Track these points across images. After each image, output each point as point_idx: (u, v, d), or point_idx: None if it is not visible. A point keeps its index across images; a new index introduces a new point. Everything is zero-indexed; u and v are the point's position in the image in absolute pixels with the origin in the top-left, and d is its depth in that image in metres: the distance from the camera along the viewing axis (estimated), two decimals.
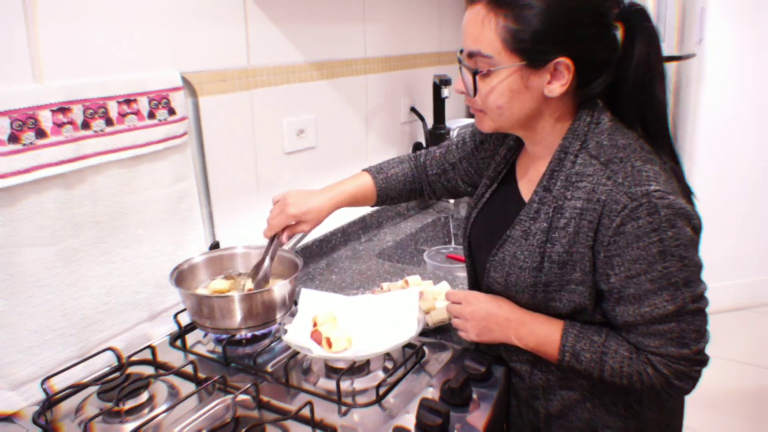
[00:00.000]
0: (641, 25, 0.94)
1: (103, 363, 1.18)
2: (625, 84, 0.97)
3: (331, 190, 1.26)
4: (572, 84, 0.93)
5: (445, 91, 2.12)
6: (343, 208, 1.28)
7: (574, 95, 0.97)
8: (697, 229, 0.91)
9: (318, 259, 1.77)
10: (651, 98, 0.97)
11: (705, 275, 0.93)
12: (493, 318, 1.05)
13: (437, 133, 2.17)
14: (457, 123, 2.30)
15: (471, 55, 0.95)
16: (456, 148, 1.29)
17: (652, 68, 0.95)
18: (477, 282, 1.19)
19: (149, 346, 1.20)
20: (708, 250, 0.93)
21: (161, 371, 1.16)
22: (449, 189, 1.31)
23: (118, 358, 1.17)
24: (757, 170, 3.27)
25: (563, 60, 0.91)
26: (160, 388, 1.10)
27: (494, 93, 0.95)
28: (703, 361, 0.93)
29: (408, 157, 1.35)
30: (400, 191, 1.31)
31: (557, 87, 0.93)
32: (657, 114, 0.98)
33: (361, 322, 1.18)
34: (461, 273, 1.64)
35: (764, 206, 3.32)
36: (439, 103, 2.16)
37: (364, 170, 1.32)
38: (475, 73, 0.95)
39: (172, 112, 1.25)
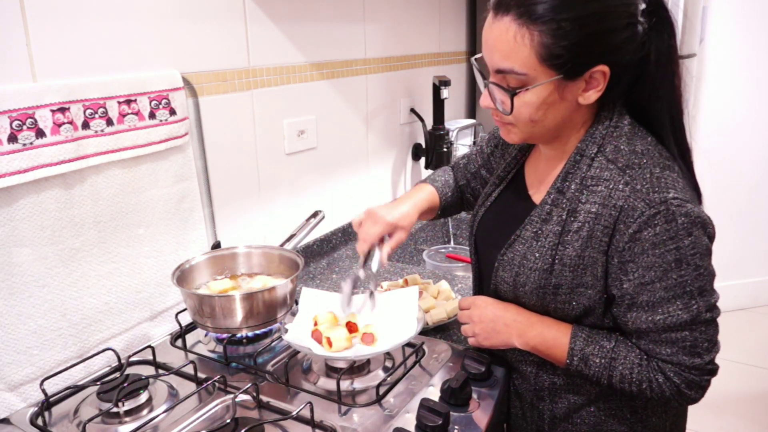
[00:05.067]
0: (662, 17, 0.91)
1: (103, 363, 1.17)
2: (644, 80, 0.94)
3: (409, 198, 1.23)
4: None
5: (445, 92, 2.11)
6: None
7: (600, 98, 0.94)
8: (711, 237, 0.90)
9: (319, 258, 1.77)
10: (670, 93, 0.94)
11: None
12: (500, 320, 1.05)
13: (437, 134, 2.17)
14: (456, 124, 2.31)
15: (500, 72, 0.91)
16: (475, 158, 1.28)
17: (672, 61, 0.93)
18: (481, 280, 1.18)
19: (149, 346, 1.20)
20: None
21: (161, 371, 1.16)
22: (476, 197, 1.30)
23: (118, 358, 1.17)
24: (758, 170, 3.26)
25: (601, 68, 0.88)
26: (159, 389, 1.10)
27: (529, 108, 0.92)
28: (713, 370, 0.92)
29: (443, 168, 1.35)
30: (453, 198, 1.31)
31: (593, 94, 0.91)
32: (675, 109, 0.96)
33: (361, 321, 1.17)
34: (460, 272, 1.65)
35: (766, 206, 3.31)
36: (438, 104, 2.15)
37: (422, 182, 1.31)
38: (512, 95, 0.90)
39: (172, 112, 1.25)
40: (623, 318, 0.94)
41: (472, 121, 2.43)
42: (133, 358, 1.17)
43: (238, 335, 1.21)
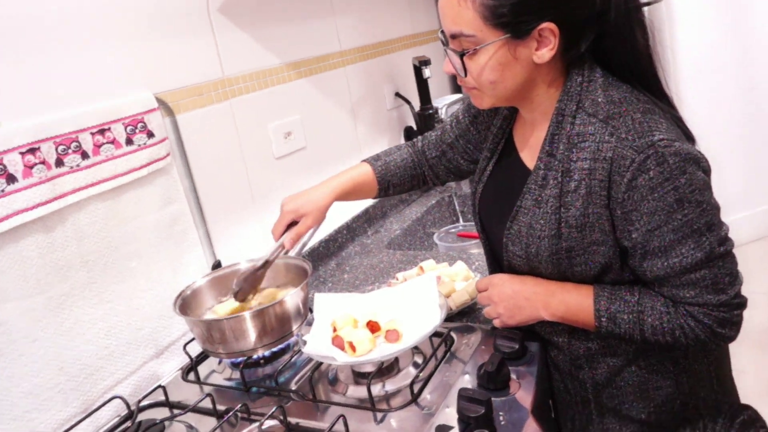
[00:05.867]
0: None
1: (111, 413, 1.13)
2: (607, 36, 0.97)
3: (329, 181, 1.27)
4: (560, 46, 0.94)
5: (426, 72, 2.14)
6: (346, 203, 1.27)
7: (562, 57, 0.97)
8: (707, 171, 0.92)
9: (327, 260, 1.77)
10: (634, 46, 0.97)
11: None
12: (520, 295, 1.05)
13: (426, 114, 2.20)
14: (443, 101, 2.33)
15: (453, 36, 0.96)
16: (451, 128, 1.29)
17: (630, 16, 0.95)
18: (494, 256, 1.18)
19: (160, 386, 1.16)
20: (714, 186, 0.95)
21: (176, 411, 1.11)
22: (452, 170, 1.31)
23: (127, 405, 1.12)
24: (743, 100, 3.27)
25: (547, 25, 0.91)
26: (177, 430, 1.05)
27: (485, 70, 0.96)
28: (741, 303, 0.92)
29: (405, 144, 1.36)
30: (401, 177, 1.32)
31: (546, 52, 0.93)
32: (642, 61, 0.98)
33: (382, 318, 1.14)
34: (475, 250, 1.67)
35: (756, 132, 3.32)
36: (422, 84, 2.18)
37: (363, 161, 1.33)
38: (461, 55, 0.95)
39: (150, 134, 1.23)
40: (640, 268, 0.95)
41: (458, 95, 2.45)
42: (143, 403, 1.13)
43: (254, 357, 1.18)
